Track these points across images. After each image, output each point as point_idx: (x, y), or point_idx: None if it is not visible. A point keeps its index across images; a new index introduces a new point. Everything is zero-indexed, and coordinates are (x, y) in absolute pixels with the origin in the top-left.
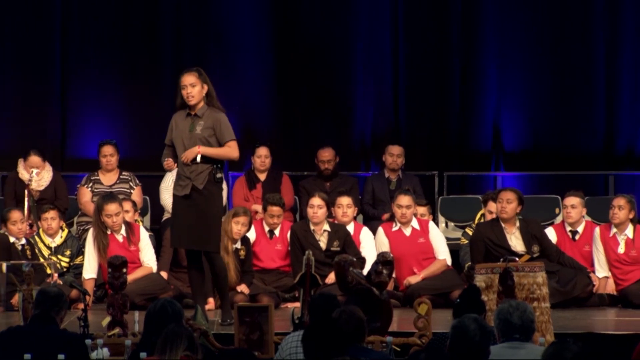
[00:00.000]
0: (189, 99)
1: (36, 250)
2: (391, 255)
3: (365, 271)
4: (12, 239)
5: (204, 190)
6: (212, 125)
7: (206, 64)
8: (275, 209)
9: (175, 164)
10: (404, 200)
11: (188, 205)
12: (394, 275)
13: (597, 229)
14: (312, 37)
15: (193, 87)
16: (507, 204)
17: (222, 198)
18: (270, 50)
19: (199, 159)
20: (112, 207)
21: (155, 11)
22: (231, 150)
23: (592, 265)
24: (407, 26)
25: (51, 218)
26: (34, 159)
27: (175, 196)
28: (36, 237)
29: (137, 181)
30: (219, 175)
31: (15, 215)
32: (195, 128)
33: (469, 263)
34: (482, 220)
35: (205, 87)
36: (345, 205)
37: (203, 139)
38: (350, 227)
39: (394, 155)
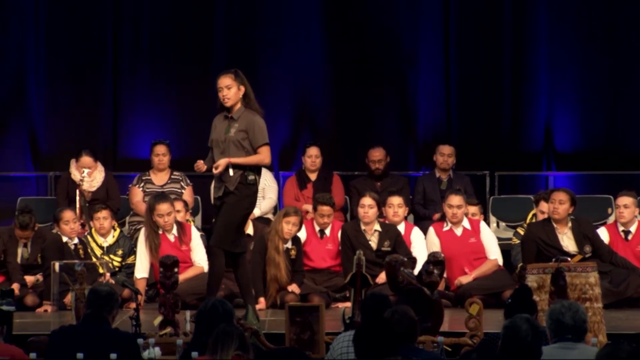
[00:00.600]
0: (225, 101)
1: (89, 250)
2: (442, 255)
3: (416, 271)
4: (64, 239)
5: (235, 191)
6: (246, 128)
7: (258, 64)
8: (325, 209)
9: (206, 167)
10: (455, 200)
11: (219, 205)
12: (445, 275)
13: None
14: (365, 37)
15: (229, 90)
16: (559, 204)
17: (252, 201)
18: (325, 51)
19: (231, 172)
20: (163, 207)
21: (206, 10)
22: (261, 157)
23: None
24: (458, 27)
25: (103, 218)
26: (86, 159)
27: (213, 198)
28: (88, 237)
29: (188, 181)
30: (250, 177)
31: (67, 215)
32: (230, 130)
33: (521, 263)
34: (533, 220)
35: (242, 88)
36: (396, 205)
37: (236, 142)
38: (401, 227)
39: (445, 155)
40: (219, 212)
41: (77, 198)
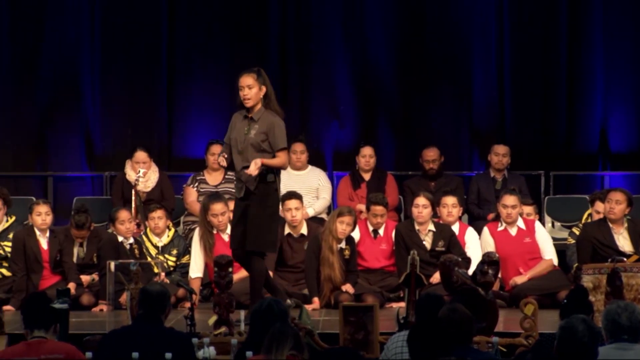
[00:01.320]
0: (246, 101)
1: (144, 250)
2: (497, 255)
3: (470, 271)
4: (120, 239)
5: (256, 191)
6: (266, 130)
7: (313, 64)
8: (378, 209)
9: (226, 162)
10: (510, 200)
11: (242, 206)
12: (499, 275)
13: None
14: (419, 38)
15: (250, 89)
16: (616, 204)
17: (276, 199)
18: (380, 51)
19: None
20: (218, 207)
21: (261, 9)
22: (281, 160)
23: None
24: (512, 26)
25: (158, 217)
26: (140, 154)
27: (235, 198)
28: (144, 237)
29: None
30: (270, 176)
31: (123, 215)
32: (249, 132)
33: (576, 264)
34: (589, 220)
35: (264, 89)
36: (450, 205)
37: (255, 144)
38: (455, 227)
39: (500, 154)
40: (242, 215)
41: (133, 198)
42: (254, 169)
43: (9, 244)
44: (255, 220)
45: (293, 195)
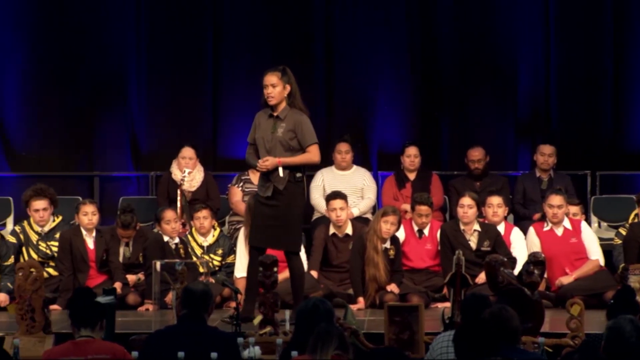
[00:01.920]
0: (269, 100)
1: (189, 249)
2: (543, 255)
3: (516, 271)
4: (166, 238)
5: (284, 191)
6: (293, 128)
7: (357, 63)
8: (423, 208)
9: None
10: (556, 199)
11: (269, 205)
12: (545, 275)
13: None
14: (465, 37)
15: (274, 88)
16: None
17: (304, 198)
18: (423, 51)
19: (281, 172)
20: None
21: (305, 9)
22: (311, 155)
23: None
24: (558, 24)
25: (203, 217)
26: (187, 150)
27: (257, 196)
28: (189, 236)
29: None
30: (298, 174)
31: (169, 214)
32: (277, 130)
33: (623, 264)
34: (636, 220)
35: (288, 87)
36: (496, 205)
37: (284, 142)
38: (501, 227)
39: (546, 154)
40: (270, 215)
41: (178, 198)
42: (267, 164)
43: (56, 243)
44: (288, 220)
45: (338, 195)
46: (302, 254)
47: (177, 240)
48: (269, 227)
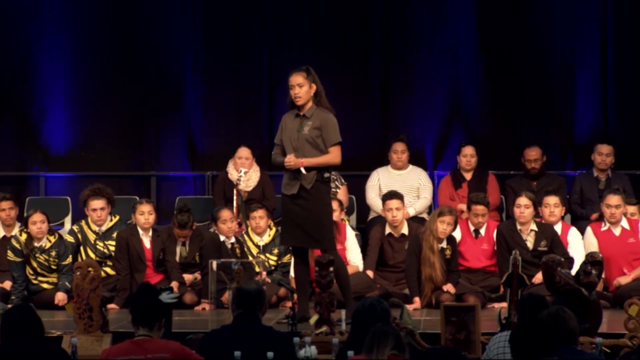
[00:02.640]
0: (297, 100)
1: (245, 249)
2: (600, 255)
3: (573, 271)
4: (222, 238)
5: (312, 190)
6: (319, 126)
7: (412, 63)
8: (479, 208)
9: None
10: (614, 199)
11: (297, 204)
12: (603, 275)
13: None
14: (520, 36)
15: (300, 88)
16: None
17: (330, 196)
18: (479, 50)
19: (303, 170)
20: None
21: (362, 11)
22: (333, 156)
23: None
24: (616, 22)
25: (259, 217)
26: (244, 150)
27: (284, 195)
28: (245, 236)
29: (343, 180)
30: (326, 175)
31: (225, 214)
32: (303, 128)
33: None
34: None
35: (314, 86)
36: (553, 205)
37: (310, 140)
38: (558, 227)
39: (603, 154)
40: (293, 211)
41: (234, 197)
42: (292, 164)
43: (113, 243)
44: (320, 218)
45: (394, 195)
46: (358, 254)
47: (233, 239)
48: (299, 226)
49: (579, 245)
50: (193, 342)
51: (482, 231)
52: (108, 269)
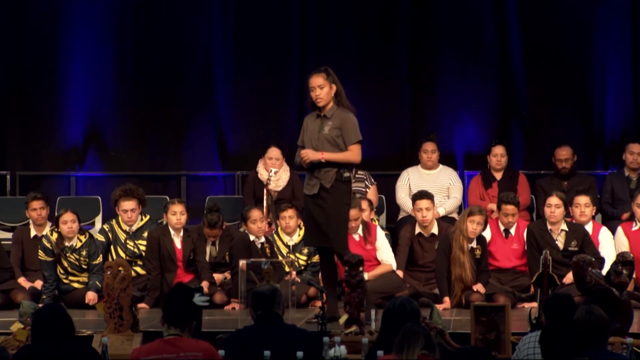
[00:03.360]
0: (318, 101)
1: (275, 249)
2: (631, 255)
3: (604, 271)
4: (251, 238)
5: (331, 189)
6: (340, 126)
7: (440, 64)
8: (509, 208)
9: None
10: None
11: (317, 204)
12: (634, 275)
13: None
14: (552, 36)
15: (321, 89)
16: None
17: (350, 197)
18: (514, 47)
19: (323, 160)
20: (352, 213)
21: (390, 11)
22: (353, 154)
23: None
24: None
25: (289, 217)
26: (274, 151)
27: (306, 196)
28: (275, 236)
29: (372, 180)
30: (346, 174)
31: (255, 214)
32: (323, 128)
33: None
34: None
35: (334, 87)
36: (583, 205)
37: (330, 139)
38: (589, 227)
39: (635, 153)
40: (314, 211)
41: (265, 197)
42: (311, 157)
43: (144, 242)
44: (337, 220)
45: (424, 195)
46: (390, 253)
47: (262, 239)
48: (318, 226)
49: (610, 245)
50: (223, 341)
51: (512, 231)
52: (138, 269)
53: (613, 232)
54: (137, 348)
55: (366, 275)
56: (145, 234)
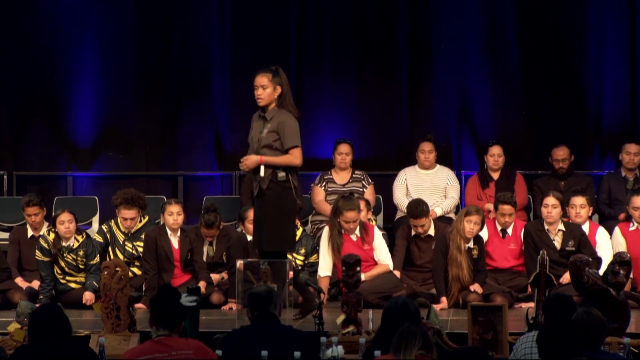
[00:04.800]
0: (258, 101)
1: None
2: (628, 255)
3: (601, 271)
4: (249, 237)
5: (267, 191)
6: (277, 129)
7: (439, 61)
8: (506, 208)
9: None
10: (638, 201)
11: (259, 206)
12: (631, 275)
13: None
14: (548, 35)
15: (264, 89)
16: None
17: (289, 197)
18: (512, 46)
19: (262, 171)
20: (351, 215)
21: (389, 8)
22: (292, 158)
23: None
24: None
25: None
26: None
27: (252, 197)
28: None
29: (370, 180)
30: (280, 174)
31: (252, 213)
32: (262, 131)
33: None
34: None
35: (279, 88)
36: (579, 206)
37: (269, 144)
38: (586, 227)
39: (631, 153)
40: (257, 213)
41: None
42: (248, 162)
43: (141, 244)
44: (271, 220)
45: (419, 214)
46: (387, 253)
47: None
48: (260, 229)
49: (607, 245)
50: (220, 341)
51: (510, 231)
52: (135, 269)
53: (610, 232)
54: (128, 350)
55: (363, 276)
56: (144, 235)
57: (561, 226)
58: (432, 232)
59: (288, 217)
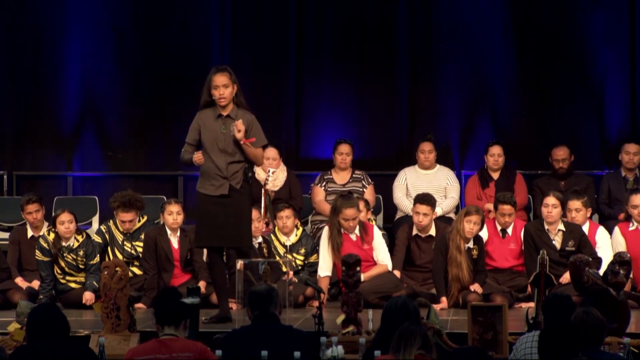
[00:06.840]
0: (221, 101)
1: (272, 249)
2: (628, 255)
3: (601, 271)
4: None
5: (240, 189)
6: (247, 127)
7: (439, 61)
8: (506, 208)
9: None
10: (637, 199)
11: (223, 204)
12: (631, 275)
13: None
14: (550, 36)
15: (226, 88)
16: None
17: (252, 196)
18: (509, 49)
19: (248, 145)
20: (350, 212)
21: (389, 8)
22: (261, 155)
23: None
24: None
25: (286, 217)
26: (270, 151)
27: (205, 195)
28: (272, 236)
29: (370, 180)
30: (250, 174)
31: (252, 214)
32: (228, 129)
33: None
34: None
35: (235, 87)
36: (574, 210)
37: (236, 141)
38: (586, 227)
39: (631, 153)
40: (218, 211)
41: (262, 197)
42: (240, 128)
43: (140, 244)
44: (241, 217)
45: (426, 200)
46: (386, 253)
47: (260, 239)
48: (220, 226)
49: (607, 245)
50: (220, 341)
51: (509, 231)
52: (135, 269)
53: (610, 232)
54: (132, 348)
55: (362, 276)
56: (143, 235)
57: (561, 226)
58: (432, 232)
59: (250, 213)
